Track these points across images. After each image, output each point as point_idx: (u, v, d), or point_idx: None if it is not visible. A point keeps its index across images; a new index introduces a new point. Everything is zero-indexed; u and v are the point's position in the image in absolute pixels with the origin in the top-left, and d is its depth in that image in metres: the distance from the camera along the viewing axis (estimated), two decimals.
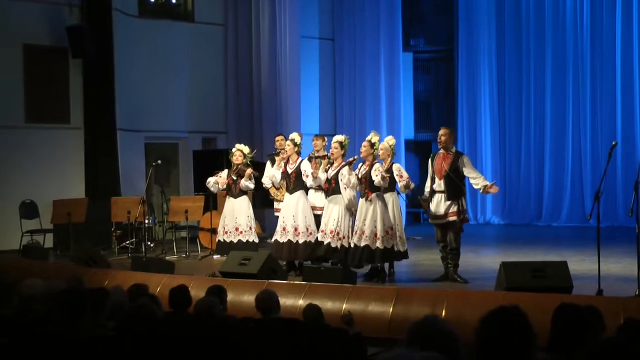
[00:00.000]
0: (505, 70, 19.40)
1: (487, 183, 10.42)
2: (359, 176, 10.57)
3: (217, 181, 12.26)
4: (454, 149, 10.64)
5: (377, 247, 10.34)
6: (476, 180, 10.46)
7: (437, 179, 10.50)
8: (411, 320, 3.58)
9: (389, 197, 10.70)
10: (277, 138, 12.87)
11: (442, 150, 10.58)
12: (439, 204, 10.45)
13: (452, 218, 10.38)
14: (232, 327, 5.65)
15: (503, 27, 19.40)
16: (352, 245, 10.56)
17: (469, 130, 19.63)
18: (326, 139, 12.36)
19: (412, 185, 10.75)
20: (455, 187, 10.38)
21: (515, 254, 13.01)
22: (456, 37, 19.89)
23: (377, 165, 10.48)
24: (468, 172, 10.44)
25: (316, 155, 11.94)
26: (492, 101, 19.48)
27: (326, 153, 11.95)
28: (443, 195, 10.41)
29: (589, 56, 18.36)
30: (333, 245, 10.89)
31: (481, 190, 10.48)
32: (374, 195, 10.45)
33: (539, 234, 17.03)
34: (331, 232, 10.92)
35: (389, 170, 10.52)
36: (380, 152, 10.64)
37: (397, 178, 10.63)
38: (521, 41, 19.20)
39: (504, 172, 19.42)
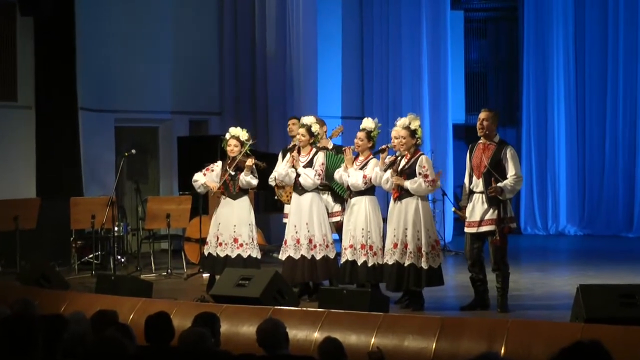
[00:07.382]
0: (586, 35, 19.34)
1: (505, 192, 10.21)
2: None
3: (207, 184, 11.83)
4: (497, 138, 10.49)
5: (422, 267, 10.35)
6: (507, 179, 10.26)
7: (474, 177, 10.43)
8: (460, 359, 3.57)
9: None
10: (290, 122, 12.92)
11: (482, 140, 10.51)
12: (475, 208, 10.37)
13: (488, 227, 10.23)
14: None
15: None
16: (391, 262, 10.53)
17: (537, 113, 19.57)
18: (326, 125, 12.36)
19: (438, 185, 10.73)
20: None
21: (597, 274, 13.02)
22: None
23: (423, 159, 10.50)
24: (509, 168, 10.27)
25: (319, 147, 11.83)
26: (567, 75, 19.42)
27: (330, 141, 12.18)
28: (482, 196, 10.32)
29: None
30: (370, 263, 10.81)
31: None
32: (415, 198, 10.48)
33: (629, 249, 17.02)
34: (362, 246, 10.85)
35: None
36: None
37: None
38: None
39: (582, 168, 19.38)
